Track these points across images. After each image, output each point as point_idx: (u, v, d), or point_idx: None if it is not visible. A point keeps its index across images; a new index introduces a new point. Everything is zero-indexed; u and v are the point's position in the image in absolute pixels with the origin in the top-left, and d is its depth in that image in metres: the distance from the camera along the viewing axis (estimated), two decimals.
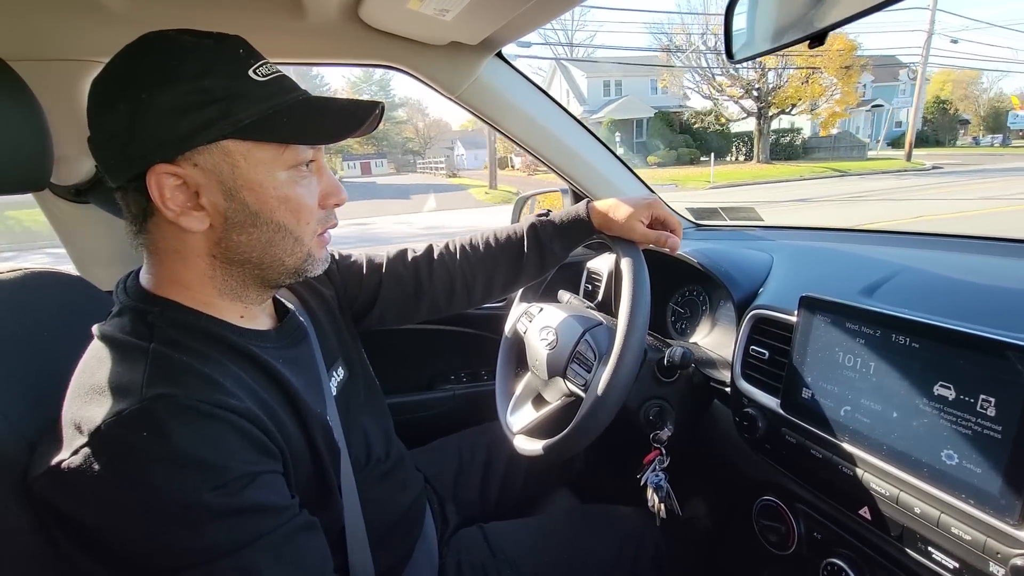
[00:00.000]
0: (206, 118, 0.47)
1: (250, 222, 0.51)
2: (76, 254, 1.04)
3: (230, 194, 0.49)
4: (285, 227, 0.53)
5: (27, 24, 0.81)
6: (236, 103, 0.48)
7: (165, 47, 0.48)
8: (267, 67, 0.51)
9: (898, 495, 0.56)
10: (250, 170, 0.50)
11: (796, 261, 0.92)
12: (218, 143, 0.48)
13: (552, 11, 0.84)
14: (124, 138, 0.47)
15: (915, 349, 0.56)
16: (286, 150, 0.51)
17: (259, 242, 0.52)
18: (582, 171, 1.18)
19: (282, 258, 0.54)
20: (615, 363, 0.70)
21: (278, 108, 0.50)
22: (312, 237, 0.56)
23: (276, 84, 0.51)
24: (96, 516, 0.41)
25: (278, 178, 0.51)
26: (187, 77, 0.47)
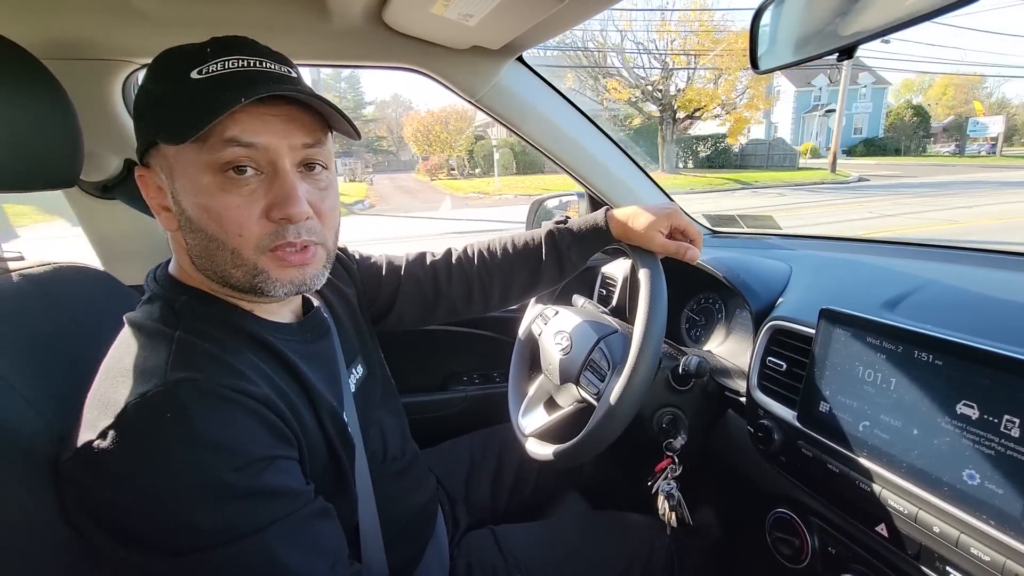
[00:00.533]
0: (148, 120, 0.50)
1: (188, 227, 0.51)
2: (101, 249, 1.06)
3: (174, 197, 0.51)
4: (215, 237, 0.49)
5: (61, 25, 0.83)
6: (164, 104, 0.49)
7: (160, 58, 0.51)
8: (224, 63, 0.48)
9: (917, 513, 0.55)
10: (181, 174, 0.49)
11: (816, 272, 0.91)
12: (159, 146, 0.50)
13: (575, 17, 0.84)
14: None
15: (938, 366, 0.55)
16: (202, 151, 0.47)
17: (203, 249, 0.51)
18: (600, 177, 1.18)
19: (227, 269, 0.51)
20: (628, 375, 0.70)
21: (182, 105, 0.47)
22: (257, 253, 0.50)
23: (211, 81, 0.47)
24: (120, 494, 0.43)
25: (199, 183, 0.48)
26: (146, 81, 0.51)
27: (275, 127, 0.49)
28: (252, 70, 0.49)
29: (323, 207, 0.54)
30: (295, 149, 0.51)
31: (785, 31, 0.69)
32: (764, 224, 1.35)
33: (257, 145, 0.48)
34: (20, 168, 0.56)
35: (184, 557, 0.42)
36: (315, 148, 0.53)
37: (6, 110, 0.53)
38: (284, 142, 0.50)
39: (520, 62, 1.06)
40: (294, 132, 0.51)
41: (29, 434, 0.47)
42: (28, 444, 0.47)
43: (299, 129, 0.51)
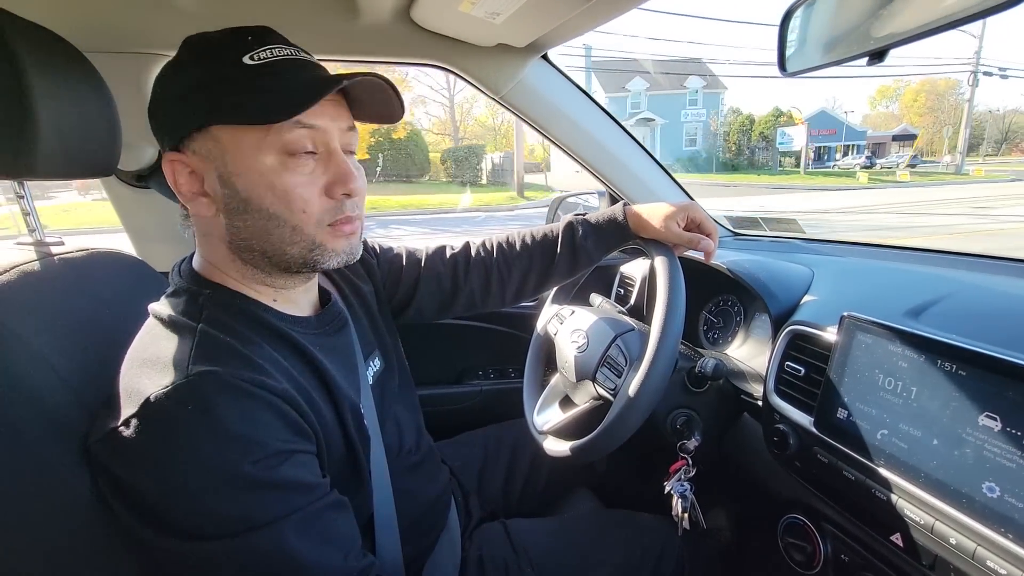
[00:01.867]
0: (196, 104, 0.50)
1: (243, 208, 0.52)
2: (135, 235, 1.10)
3: (224, 180, 0.51)
4: (277, 215, 0.52)
5: (103, 18, 0.86)
6: (219, 87, 0.50)
7: (194, 42, 0.52)
8: (268, 52, 0.51)
9: (933, 524, 0.54)
10: (238, 156, 0.50)
11: (838, 277, 0.90)
12: (208, 129, 0.50)
13: (601, 16, 0.84)
14: (154, 127, 0.53)
15: (961, 377, 0.54)
16: (269, 133, 0.50)
17: (256, 229, 0.52)
18: (621, 175, 1.18)
19: (282, 247, 0.53)
20: (647, 368, 0.70)
21: (255, 90, 0.50)
22: (317, 228, 0.54)
23: (265, 67, 0.50)
24: (143, 481, 0.45)
25: (264, 163, 0.50)
26: (187, 66, 0.51)
27: (329, 111, 0.53)
28: (300, 58, 0.53)
29: (359, 185, 0.57)
30: (342, 132, 0.55)
31: (815, 33, 0.68)
32: (787, 227, 1.33)
33: (317, 127, 0.52)
34: (64, 157, 0.59)
35: (201, 543, 0.44)
36: (353, 131, 0.57)
37: (52, 102, 0.55)
38: (335, 125, 0.54)
39: (545, 60, 1.06)
40: (341, 116, 0.55)
41: (65, 411, 0.50)
42: (64, 421, 0.49)
43: (343, 113, 0.55)
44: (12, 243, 0.65)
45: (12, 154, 0.53)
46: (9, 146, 0.53)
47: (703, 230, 0.80)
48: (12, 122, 0.53)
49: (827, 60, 0.66)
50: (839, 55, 0.64)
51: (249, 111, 0.49)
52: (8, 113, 0.52)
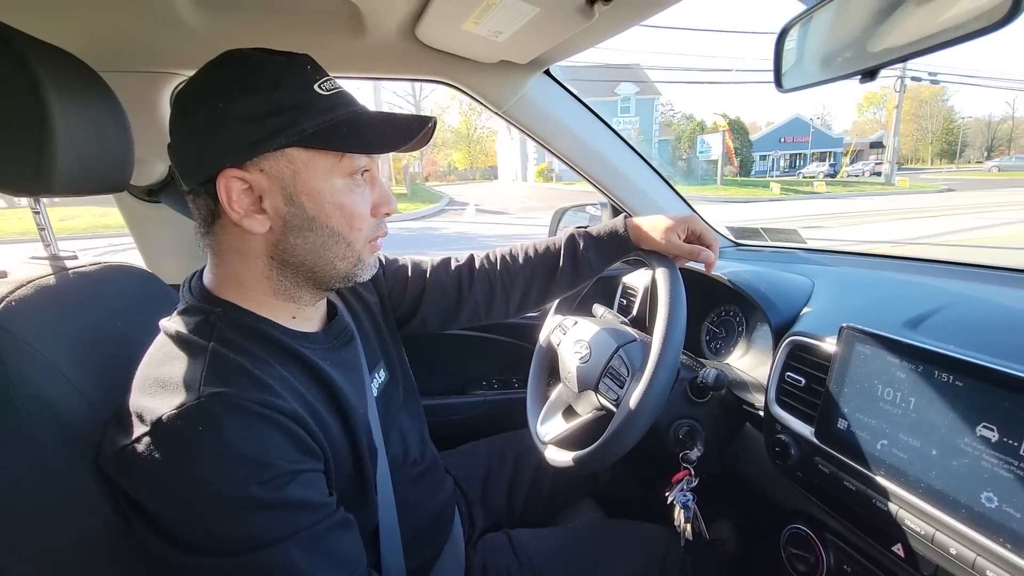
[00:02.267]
0: (275, 126, 0.50)
1: (307, 226, 0.54)
2: (146, 249, 1.12)
3: (290, 199, 0.53)
4: (339, 232, 0.56)
5: (117, 38, 0.89)
6: (302, 113, 0.51)
7: (242, 62, 0.52)
8: (330, 83, 0.55)
9: (934, 534, 0.55)
10: (310, 177, 0.53)
11: (838, 288, 0.91)
12: (283, 150, 0.52)
13: (601, 34, 0.87)
14: (200, 143, 0.51)
15: (959, 388, 0.55)
16: (343, 159, 0.54)
17: (314, 245, 0.55)
18: (623, 187, 1.20)
19: (334, 262, 0.57)
20: (649, 378, 0.71)
21: (339, 119, 0.53)
22: (364, 244, 0.58)
23: (338, 98, 0.54)
24: (153, 500, 0.46)
25: (335, 186, 0.54)
26: (260, 88, 0.51)
27: None
28: (345, 89, 0.57)
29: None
30: (373, 158, 0.59)
31: (810, 50, 0.69)
32: (789, 238, 1.34)
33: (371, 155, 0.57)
34: (78, 174, 0.60)
35: (209, 559, 0.45)
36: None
37: (70, 121, 0.57)
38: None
39: (547, 75, 1.08)
40: None
41: (81, 422, 0.51)
42: (81, 432, 0.51)
43: None
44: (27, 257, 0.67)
45: (32, 172, 0.55)
46: (29, 164, 0.55)
47: (703, 241, 0.81)
48: (32, 141, 0.54)
49: (823, 77, 0.67)
50: (834, 72, 0.66)
51: (338, 140, 0.53)
52: (29, 133, 0.54)
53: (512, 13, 0.75)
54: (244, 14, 0.87)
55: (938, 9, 0.54)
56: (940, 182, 23.69)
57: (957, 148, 41.68)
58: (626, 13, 0.77)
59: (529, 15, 0.76)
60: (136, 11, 0.83)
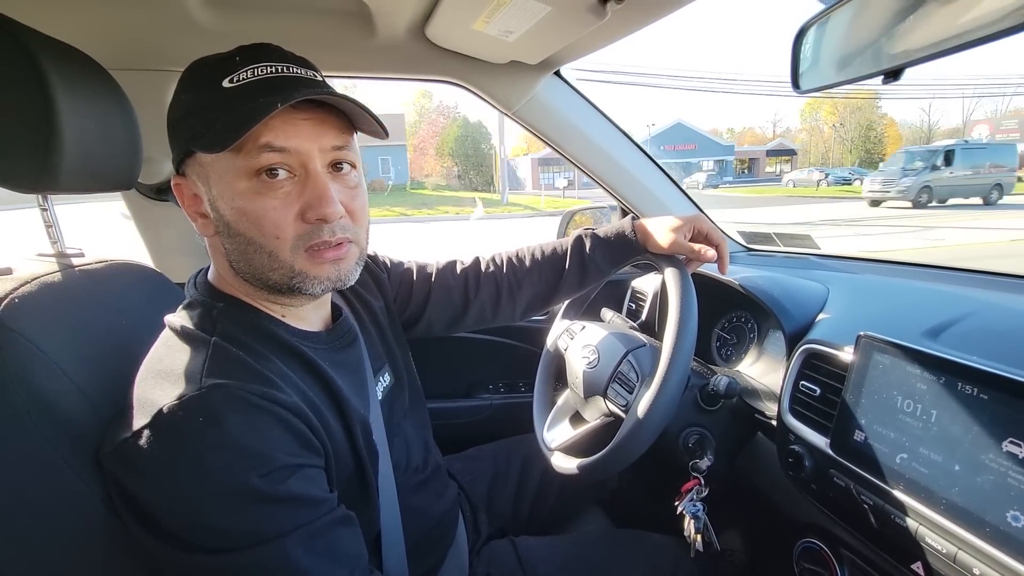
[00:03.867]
0: (183, 130, 0.51)
1: (227, 232, 0.52)
2: (153, 248, 1.12)
3: (212, 203, 0.52)
4: (252, 240, 0.51)
5: (127, 37, 0.89)
6: (199, 113, 0.50)
7: (194, 66, 0.54)
8: (253, 71, 0.50)
9: (956, 553, 0.53)
10: (218, 180, 0.51)
11: (854, 295, 0.89)
12: (195, 155, 0.52)
13: (613, 35, 0.85)
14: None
15: (984, 401, 0.53)
16: (238, 158, 0.49)
17: (240, 253, 0.53)
18: (633, 190, 1.18)
19: (264, 272, 0.53)
20: (659, 384, 0.69)
21: (223, 112, 0.49)
22: (293, 253, 0.52)
23: (243, 90, 0.49)
24: (152, 492, 0.45)
25: (236, 188, 0.50)
26: (180, 92, 0.53)
27: (306, 131, 0.51)
28: (281, 76, 0.51)
29: (354, 205, 0.55)
30: (325, 151, 0.52)
31: (828, 51, 0.68)
32: (801, 243, 1.32)
33: (289, 149, 0.50)
34: (88, 172, 0.60)
35: (206, 555, 0.44)
36: (344, 149, 0.54)
37: (77, 118, 0.57)
38: (315, 145, 0.51)
39: (558, 76, 1.07)
40: (324, 134, 0.52)
41: (81, 421, 0.51)
42: (78, 429, 0.50)
43: (328, 131, 0.53)
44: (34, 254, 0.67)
45: (38, 169, 0.55)
46: (35, 161, 0.55)
47: (710, 241, 0.80)
48: (38, 138, 0.54)
49: (840, 78, 0.65)
50: (853, 73, 0.64)
51: (206, 139, 0.49)
52: (35, 129, 0.54)
53: (523, 12, 0.75)
54: (254, 13, 0.87)
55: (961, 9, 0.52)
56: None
57: (878, 156, 41.19)
58: (639, 13, 0.76)
59: (540, 14, 0.75)
60: (147, 9, 0.83)
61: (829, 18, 0.67)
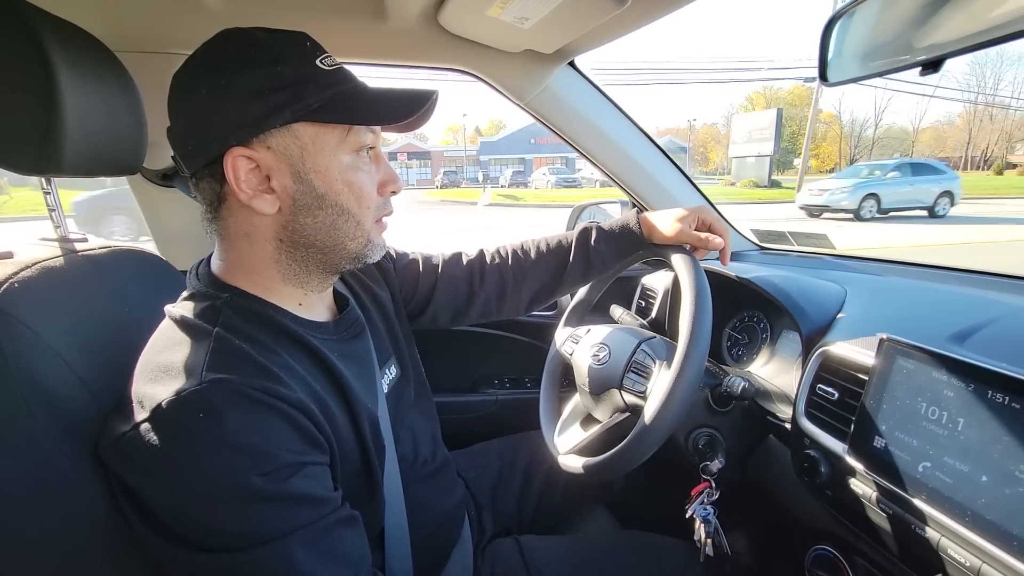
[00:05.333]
0: (279, 101, 0.49)
1: (316, 204, 0.53)
2: (158, 234, 1.11)
3: (299, 177, 0.51)
4: (348, 210, 0.54)
5: (134, 18, 0.87)
6: (306, 88, 0.50)
7: (242, 39, 0.51)
8: (331, 59, 0.54)
9: (980, 567, 0.51)
10: (317, 154, 0.52)
11: (873, 296, 0.86)
12: (289, 126, 0.50)
13: (631, 24, 0.83)
14: (204, 123, 0.50)
15: (1015, 410, 0.51)
16: (349, 133, 0.53)
17: (324, 225, 0.54)
18: (644, 184, 1.16)
19: (344, 242, 0.56)
20: (680, 362, 0.67)
21: (343, 92, 0.52)
22: (371, 222, 0.57)
23: (339, 73, 0.53)
24: (151, 489, 0.44)
25: (342, 162, 0.53)
26: (262, 63, 0.49)
27: None
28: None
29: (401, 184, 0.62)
30: (378, 136, 0.58)
31: (858, 42, 0.65)
32: (816, 242, 1.29)
33: (375, 131, 0.56)
34: (91, 155, 0.59)
35: (207, 555, 0.43)
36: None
37: (83, 100, 0.56)
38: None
39: (572, 67, 1.05)
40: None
41: (80, 410, 0.49)
42: (79, 420, 0.49)
43: None
44: (37, 238, 0.65)
45: (40, 150, 0.53)
46: (37, 142, 0.53)
47: (714, 231, 0.80)
48: (40, 119, 0.53)
49: (870, 71, 0.63)
50: (883, 66, 0.62)
51: (345, 112, 0.51)
52: (37, 110, 0.53)
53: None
54: None
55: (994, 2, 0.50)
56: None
57: (794, 155, 40.69)
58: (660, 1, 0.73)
59: (557, 0, 0.72)
60: None
61: (857, 9, 0.64)
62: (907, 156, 12.81)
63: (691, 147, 35.38)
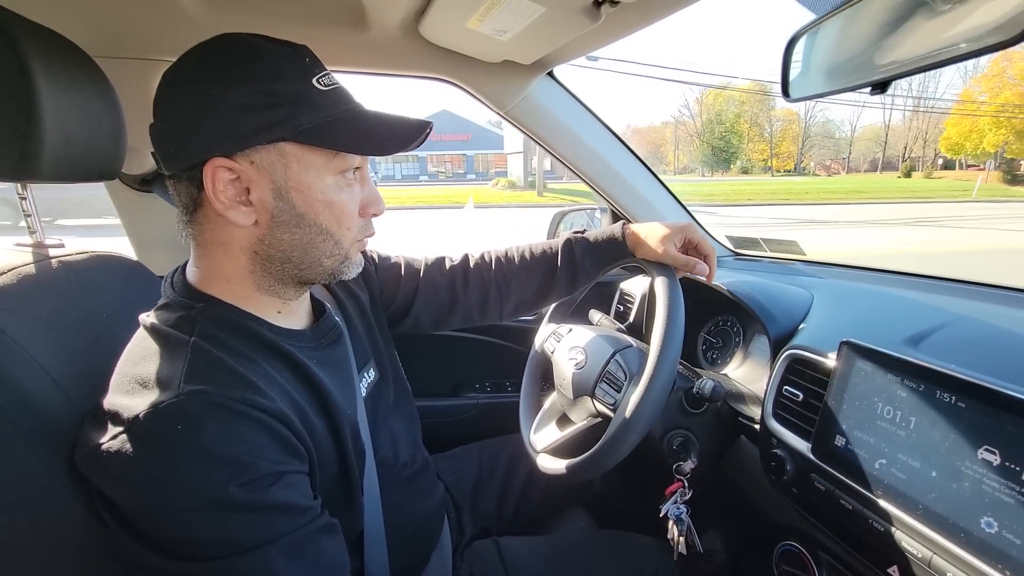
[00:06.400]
0: (270, 119, 0.49)
1: (295, 222, 0.53)
2: (136, 240, 1.10)
3: (280, 193, 0.51)
4: (327, 230, 0.54)
5: (113, 23, 0.87)
6: (300, 108, 0.50)
7: (242, 48, 0.50)
8: (328, 78, 0.53)
9: (931, 558, 0.54)
10: (301, 172, 0.51)
11: (838, 301, 0.90)
12: (276, 144, 0.50)
13: (606, 37, 0.85)
14: (189, 128, 0.49)
15: (961, 409, 0.54)
16: (336, 156, 0.52)
17: (301, 242, 0.54)
18: (623, 192, 1.19)
19: (321, 259, 0.56)
20: (647, 383, 0.70)
21: (337, 117, 0.52)
22: (351, 243, 0.57)
23: (336, 94, 0.53)
24: (128, 500, 0.44)
25: (325, 183, 0.53)
26: (259, 78, 0.49)
27: None
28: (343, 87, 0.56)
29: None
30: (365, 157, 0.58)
31: (818, 60, 0.68)
32: (788, 249, 1.33)
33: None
34: (68, 161, 0.58)
35: (186, 564, 0.43)
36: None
37: (59, 105, 0.56)
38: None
39: (550, 77, 1.07)
40: None
41: (57, 416, 0.49)
42: (55, 426, 0.49)
43: None
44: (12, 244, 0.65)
45: (17, 157, 0.53)
46: (14, 149, 0.53)
47: (700, 251, 0.81)
48: (18, 125, 0.53)
49: (829, 88, 0.66)
50: (842, 83, 0.65)
51: (335, 138, 0.51)
52: (14, 116, 0.52)
53: (517, 12, 0.74)
54: (244, 3, 0.85)
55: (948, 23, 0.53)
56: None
57: (725, 154, 41.67)
58: (633, 16, 0.76)
59: (535, 15, 0.74)
60: None
61: (820, 28, 0.67)
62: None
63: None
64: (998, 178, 29.87)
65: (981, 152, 31.15)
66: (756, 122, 42.22)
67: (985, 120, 30.28)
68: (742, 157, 42.48)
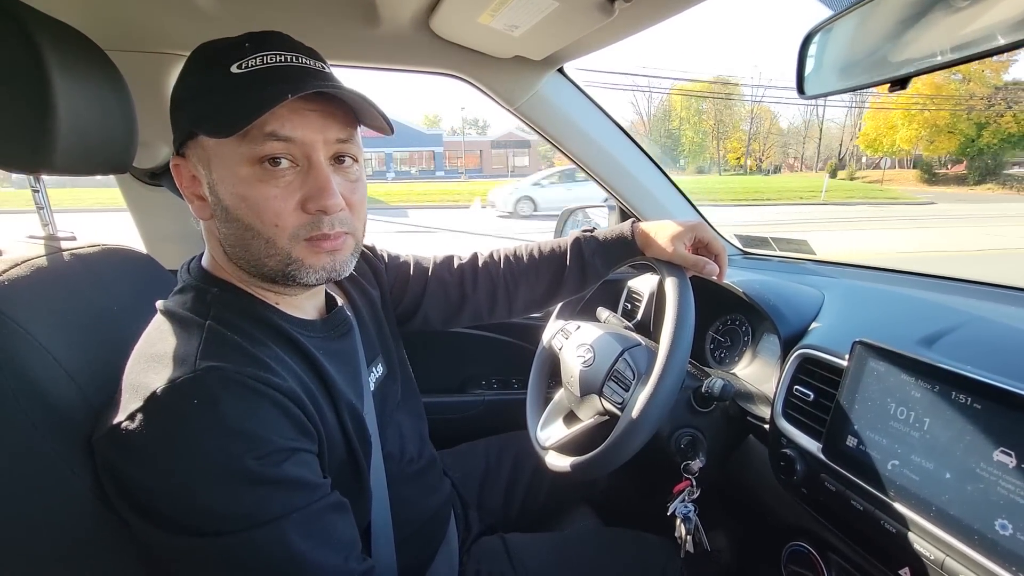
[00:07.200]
0: (186, 112, 0.51)
1: (224, 217, 0.52)
2: (146, 233, 1.11)
3: (211, 187, 0.52)
4: (251, 227, 0.51)
5: (126, 18, 0.87)
6: (206, 96, 0.50)
7: (195, 51, 0.54)
8: (262, 59, 0.50)
9: (944, 560, 0.53)
10: (219, 164, 0.50)
11: (849, 301, 0.89)
12: (197, 137, 0.51)
13: (619, 33, 0.85)
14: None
15: (977, 410, 0.53)
16: (242, 144, 0.49)
17: (237, 238, 0.52)
18: (632, 190, 1.18)
19: (260, 259, 0.52)
20: (655, 384, 0.69)
21: (229, 99, 0.49)
22: (292, 242, 0.52)
23: (250, 76, 0.49)
24: (147, 476, 0.44)
25: (238, 174, 0.50)
26: (186, 74, 0.53)
27: (312, 122, 0.51)
28: (290, 65, 0.51)
29: (354, 199, 0.55)
30: (329, 143, 0.52)
31: (834, 57, 0.68)
32: (798, 248, 1.33)
33: (295, 139, 0.50)
34: (81, 153, 0.59)
35: (203, 539, 0.43)
36: (347, 143, 0.54)
37: (73, 98, 0.56)
38: (319, 136, 0.51)
39: (561, 73, 1.07)
40: (329, 126, 0.52)
41: (69, 407, 0.50)
42: (67, 416, 0.49)
43: (334, 124, 0.52)
44: (24, 236, 0.66)
45: (31, 148, 0.54)
46: (28, 140, 0.54)
47: (711, 250, 0.80)
48: (32, 117, 0.53)
49: (845, 85, 0.65)
50: (858, 80, 0.64)
51: (212, 123, 0.49)
52: (28, 108, 0.53)
53: (530, 7, 0.74)
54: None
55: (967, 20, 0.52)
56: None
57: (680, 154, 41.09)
58: (647, 12, 0.76)
59: (547, 10, 0.74)
60: None
61: (835, 25, 0.67)
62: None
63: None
64: (916, 177, 28.47)
65: (897, 149, 29.67)
66: (720, 119, 41.63)
67: (897, 114, 28.27)
68: (699, 157, 41.83)
